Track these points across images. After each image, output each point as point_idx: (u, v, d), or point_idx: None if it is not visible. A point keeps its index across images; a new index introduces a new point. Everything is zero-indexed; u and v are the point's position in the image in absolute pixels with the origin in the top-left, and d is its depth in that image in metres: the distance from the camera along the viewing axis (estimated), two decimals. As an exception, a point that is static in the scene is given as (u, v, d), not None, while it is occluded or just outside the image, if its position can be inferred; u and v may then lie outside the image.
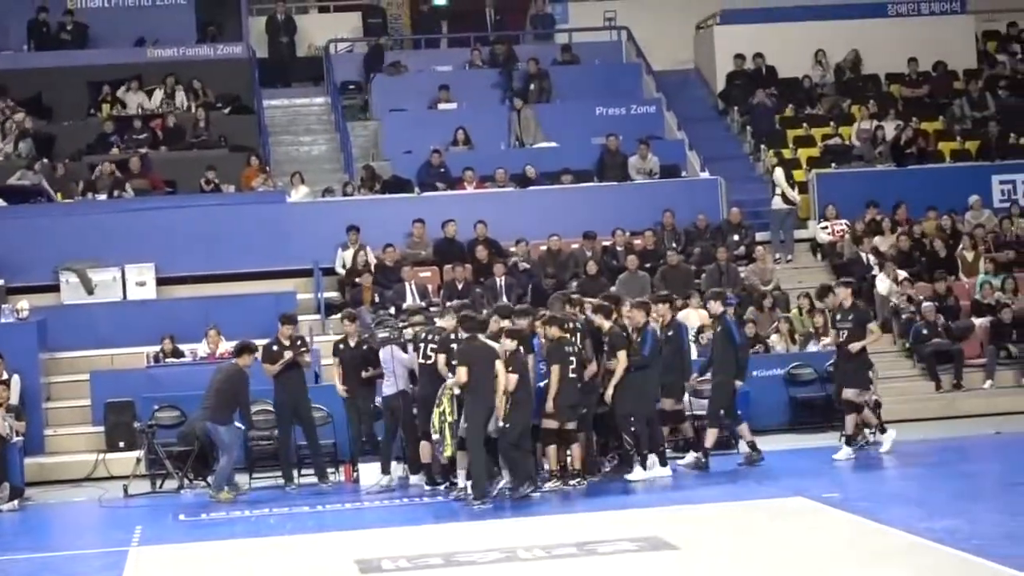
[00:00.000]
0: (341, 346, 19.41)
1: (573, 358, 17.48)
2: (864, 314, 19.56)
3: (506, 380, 16.78)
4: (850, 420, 19.14)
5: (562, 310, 18.42)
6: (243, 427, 18.90)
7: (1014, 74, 31.39)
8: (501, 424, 16.83)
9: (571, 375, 17.45)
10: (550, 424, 17.50)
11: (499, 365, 16.84)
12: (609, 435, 18.62)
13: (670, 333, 18.83)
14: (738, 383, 18.97)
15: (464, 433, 17.02)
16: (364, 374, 18.92)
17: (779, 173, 26.90)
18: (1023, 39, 32.55)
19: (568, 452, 17.68)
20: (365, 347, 19.09)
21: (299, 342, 19.39)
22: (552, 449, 17.58)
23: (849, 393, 19.08)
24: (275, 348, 19.16)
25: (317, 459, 19.22)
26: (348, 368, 19.12)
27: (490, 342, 17.16)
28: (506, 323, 17.63)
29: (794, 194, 26.73)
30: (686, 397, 19.78)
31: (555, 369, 17.31)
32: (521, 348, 17.22)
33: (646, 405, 18.12)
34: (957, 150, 28.87)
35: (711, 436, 18.79)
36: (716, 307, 19.00)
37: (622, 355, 17.76)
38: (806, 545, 13.93)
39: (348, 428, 19.44)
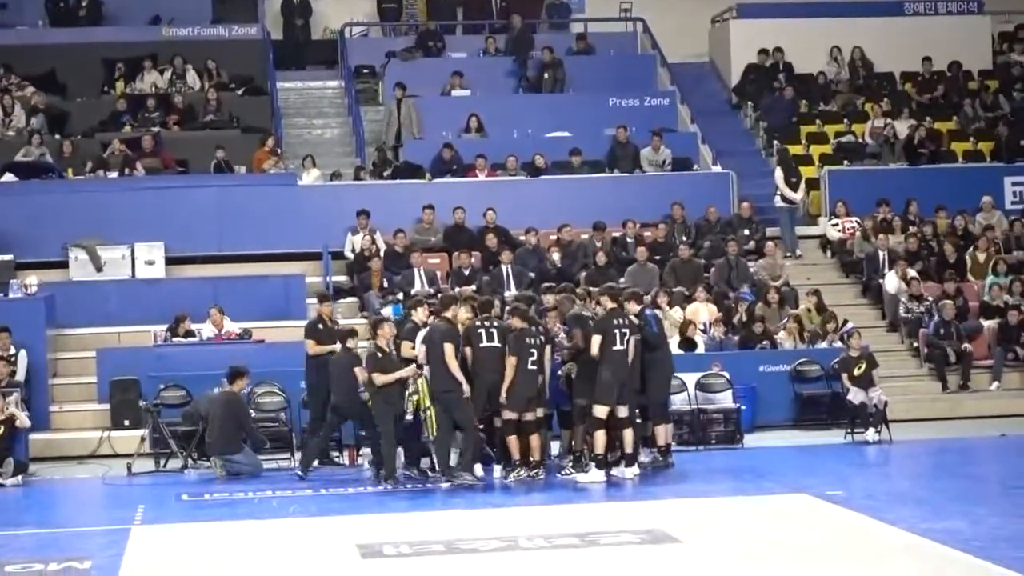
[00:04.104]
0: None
1: (534, 350, 17.44)
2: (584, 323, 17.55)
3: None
4: (599, 436, 17.33)
5: (571, 307, 18.36)
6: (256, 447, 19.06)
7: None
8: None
9: (531, 367, 17.40)
10: (509, 415, 17.48)
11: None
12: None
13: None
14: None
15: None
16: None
17: (778, 173, 26.75)
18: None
19: (589, 436, 17.57)
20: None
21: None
22: (512, 439, 17.49)
23: (599, 410, 17.27)
24: (321, 327, 19.01)
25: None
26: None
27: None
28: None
29: (792, 194, 26.46)
30: (691, 391, 20.15)
31: (511, 360, 17.34)
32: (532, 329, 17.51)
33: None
34: (970, 151, 28.79)
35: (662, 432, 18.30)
36: (633, 307, 17.87)
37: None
38: (808, 542, 13.91)
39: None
